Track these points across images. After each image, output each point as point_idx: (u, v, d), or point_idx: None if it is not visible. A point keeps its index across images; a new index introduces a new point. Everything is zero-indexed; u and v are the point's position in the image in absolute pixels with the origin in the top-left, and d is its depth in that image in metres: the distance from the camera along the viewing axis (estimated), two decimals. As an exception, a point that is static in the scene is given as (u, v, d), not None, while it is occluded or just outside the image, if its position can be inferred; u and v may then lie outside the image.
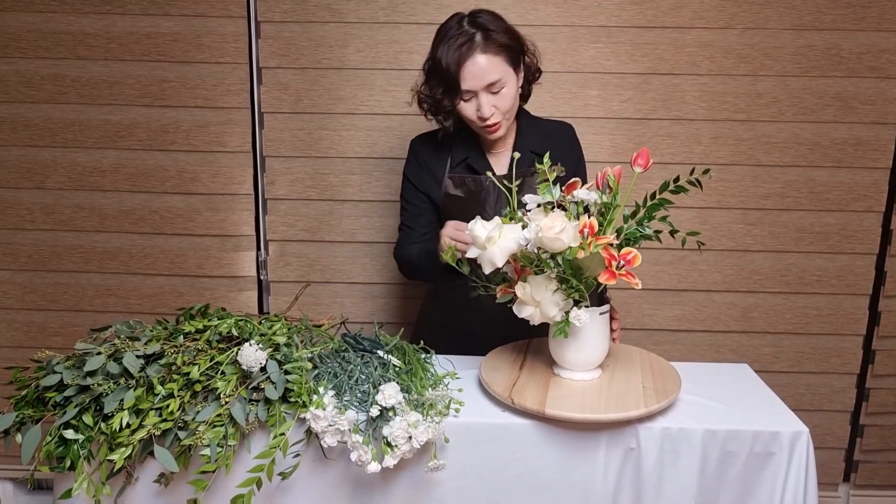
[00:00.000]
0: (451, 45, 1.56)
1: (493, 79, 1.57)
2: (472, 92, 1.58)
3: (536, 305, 1.37)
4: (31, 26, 2.22)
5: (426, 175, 1.75)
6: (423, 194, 1.75)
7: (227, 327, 1.45)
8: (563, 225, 1.28)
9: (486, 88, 1.58)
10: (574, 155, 1.76)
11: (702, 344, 2.38)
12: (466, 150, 1.72)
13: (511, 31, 1.61)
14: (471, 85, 1.57)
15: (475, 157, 1.72)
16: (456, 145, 1.73)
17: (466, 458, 1.39)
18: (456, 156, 1.73)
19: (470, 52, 1.55)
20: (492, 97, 1.59)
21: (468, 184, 1.71)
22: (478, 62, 1.56)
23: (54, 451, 1.31)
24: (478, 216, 1.40)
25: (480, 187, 1.70)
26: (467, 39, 1.55)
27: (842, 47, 2.19)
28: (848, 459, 2.47)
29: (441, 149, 1.74)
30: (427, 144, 1.77)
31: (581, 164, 1.79)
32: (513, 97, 1.61)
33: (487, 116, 1.59)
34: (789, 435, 1.38)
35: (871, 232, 2.29)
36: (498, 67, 1.57)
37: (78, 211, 2.33)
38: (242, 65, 2.24)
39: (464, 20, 1.59)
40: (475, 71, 1.56)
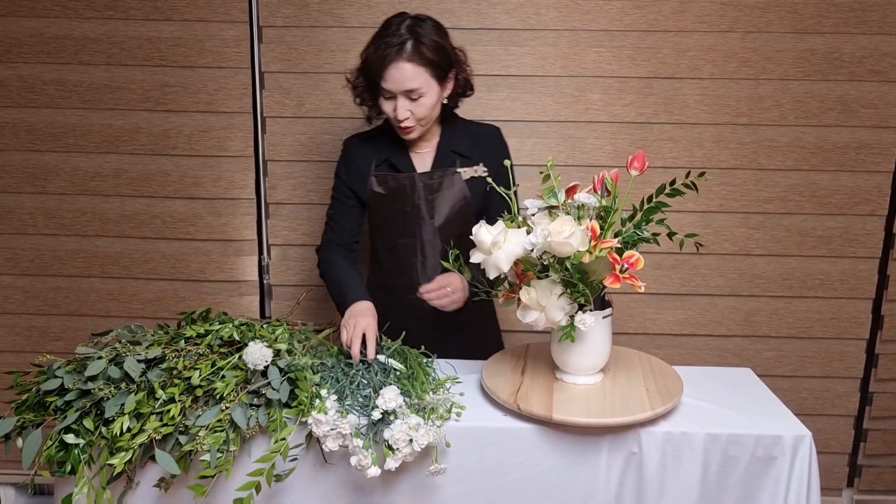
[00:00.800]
0: (382, 45, 1.62)
1: (412, 86, 1.62)
2: (391, 92, 1.64)
3: (541, 310, 1.36)
4: (33, 31, 2.23)
5: (354, 173, 1.81)
6: (351, 192, 1.81)
7: (229, 332, 1.45)
8: (572, 229, 1.28)
9: (405, 93, 1.63)
10: (498, 156, 1.75)
11: (704, 348, 2.38)
12: (391, 149, 1.79)
13: (442, 48, 1.65)
14: (390, 86, 1.63)
15: (397, 156, 1.78)
16: (382, 145, 1.80)
17: (467, 462, 1.38)
18: (381, 155, 1.79)
19: (397, 56, 1.60)
20: (409, 102, 1.65)
21: (389, 182, 1.77)
22: (401, 67, 1.61)
23: (55, 456, 1.31)
24: (482, 222, 1.40)
25: (401, 185, 1.76)
26: (398, 43, 1.60)
27: (843, 51, 2.19)
28: (851, 464, 2.45)
29: (369, 148, 1.81)
30: (357, 143, 1.84)
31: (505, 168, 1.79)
32: (430, 107, 1.67)
33: (401, 119, 1.66)
34: (791, 439, 1.37)
35: (873, 235, 2.28)
36: (419, 77, 1.62)
37: (80, 215, 2.33)
38: (244, 69, 2.24)
39: (403, 24, 1.63)
40: (396, 75, 1.61)
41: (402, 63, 1.60)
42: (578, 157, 2.26)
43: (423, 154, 1.79)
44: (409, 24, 1.63)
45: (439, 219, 1.76)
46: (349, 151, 1.83)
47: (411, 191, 1.75)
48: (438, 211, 1.75)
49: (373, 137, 1.83)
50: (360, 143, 1.83)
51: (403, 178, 1.75)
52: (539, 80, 2.24)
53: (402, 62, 1.60)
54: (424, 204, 1.75)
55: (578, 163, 2.26)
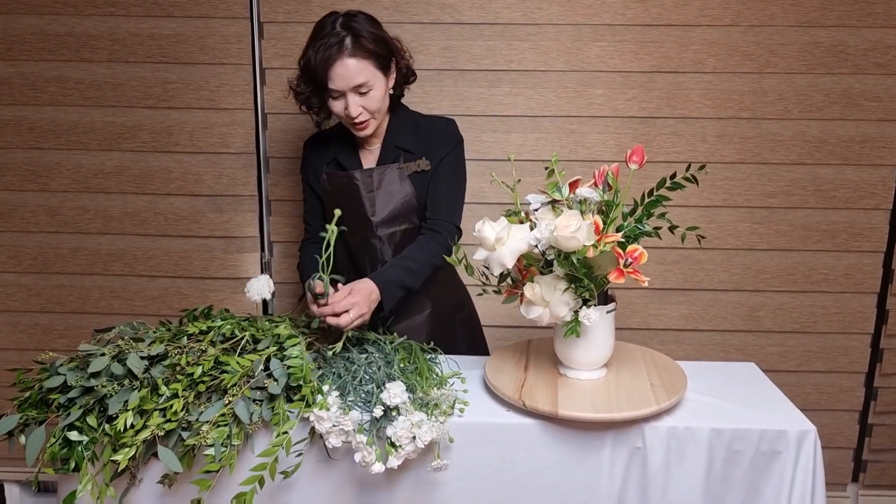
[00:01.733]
0: (322, 46, 1.61)
1: (359, 81, 1.62)
2: (339, 91, 1.64)
3: (545, 306, 1.36)
4: (34, 28, 2.23)
5: (311, 173, 1.85)
6: (313, 191, 1.85)
7: (231, 328, 1.45)
8: (579, 224, 1.27)
9: (354, 90, 1.64)
10: (444, 149, 1.77)
11: (708, 343, 2.37)
12: (341, 147, 1.81)
13: (381, 38, 1.66)
14: (338, 85, 1.63)
15: (345, 155, 1.80)
16: (334, 144, 1.82)
17: (471, 458, 1.38)
18: (331, 154, 1.81)
19: (339, 54, 1.60)
20: (359, 98, 1.65)
21: (334, 180, 1.79)
22: (346, 64, 1.61)
23: (58, 453, 1.31)
24: (485, 218, 1.39)
25: (342, 183, 1.77)
26: (337, 41, 1.60)
27: (848, 44, 2.18)
28: (856, 459, 2.45)
29: (323, 147, 1.84)
30: (313, 143, 1.87)
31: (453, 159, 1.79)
32: (380, 99, 1.67)
33: (354, 116, 1.66)
34: (796, 434, 1.37)
35: (878, 230, 2.27)
36: (365, 71, 1.62)
37: (82, 213, 2.33)
38: (246, 65, 2.24)
39: (337, 21, 1.63)
40: (342, 73, 1.61)
41: (346, 59, 1.60)
42: (581, 152, 2.26)
43: (371, 150, 1.81)
44: (342, 21, 1.63)
45: (382, 214, 1.75)
46: (307, 152, 1.86)
47: (352, 189, 1.76)
48: (381, 207, 1.75)
49: (328, 137, 1.85)
50: (316, 142, 1.86)
51: (343, 177, 1.77)
52: (541, 75, 2.23)
53: (345, 59, 1.60)
54: (367, 201, 1.75)
55: (581, 158, 2.25)
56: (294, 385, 1.37)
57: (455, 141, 1.80)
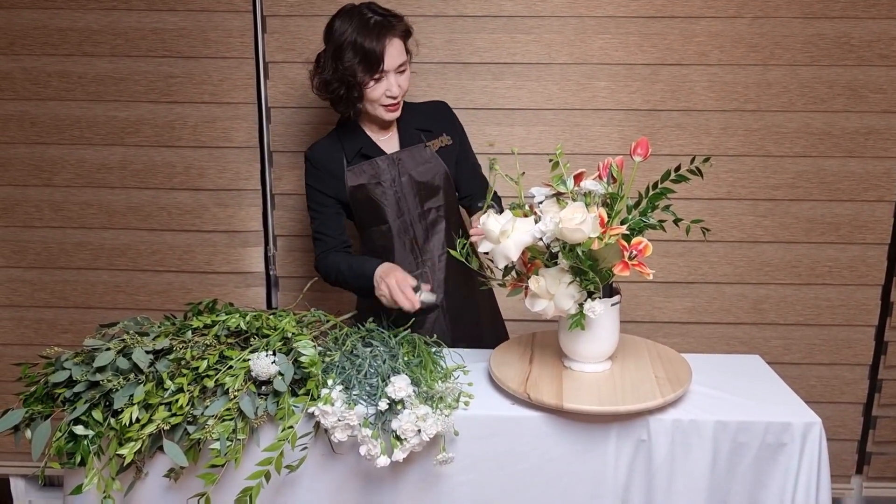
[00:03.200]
0: (370, 28, 1.65)
1: (402, 60, 1.71)
2: (385, 72, 1.68)
3: (550, 298, 1.36)
4: (36, 23, 2.22)
5: (327, 177, 1.81)
6: (329, 198, 1.82)
7: (235, 322, 1.45)
8: (584, 216, 1.27)
9: (397, 69, 1.70)
10: (455, 127, 1.89)
11: (712, 336, 2.37)
12: (357, 142, 1.81)
13: (403, 20, 1.73)
14: (388, 65, 1.68)
15: (367, 146, 1.81)
16: (347, 142, 1.82)
17: (476, 451, 1.38)
18: (349, 150, 1.81)
19: (390, 34, 1.67)
20: (399, 77, 1.71)
21: (367, 169, 1.80)
22: (395, 44, 1.68)
23: (64, 447, 1.31)
24: (490, 211, 1.39)
25: (379, 168, 1.79)
26: (385, 23, 1.67)
27: (852, 35, 2.17)
28: (860, 451, 2.45)
29: (334, 149, 1.83)
30: (320, 150, 1.84)
31: (463, 135, 1.92)
32: (408, 79, 1.75)
33: (396, 95, 1.71)
34: (801, 426, 1.37)
35: (882, 222, 2.27)
36: (404, 52, 1.72)
37: (86, 208, 2.33)
38: (248, 59, 2.24)
39: (369, 7, 1.69)
40: (393, 52, 1.68)
41: (395, 39, 1.67)
42: (585, 144, 2.25)
43: (388, 139, 1.83)
44: (368, 7, 1.68)
45: (419, 192, 1.79)
46: (315, 160, 1.83)
47: (391, 170, 1.78)
48: (417, 185, 1.79)
49: (334, 139, 1.84)
50: (323, 148, 1.83)
51: (381, 161, 1.78)
52: (545, 68, 2.22)
53: (395, 38, 1.67)
54: (406, 180, 1.78)
55: (585, 151, 2.25)
56: (299, 379, 1.37)
57: (457, 119, 1.89)
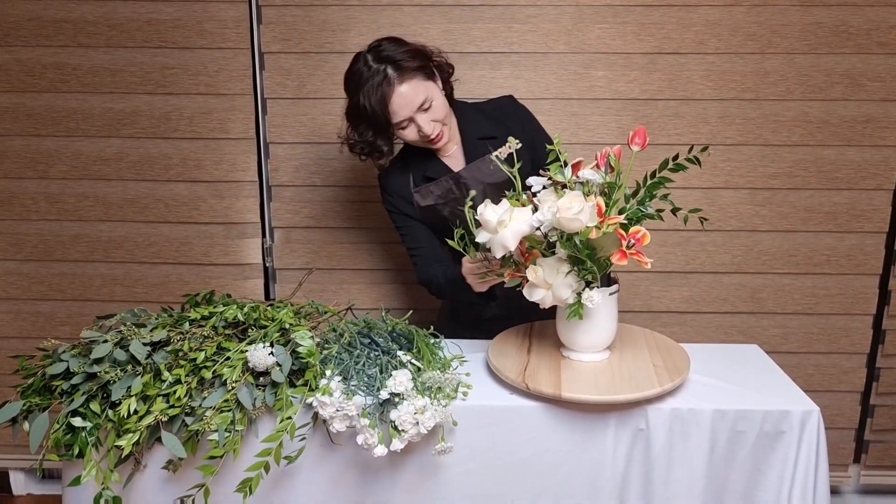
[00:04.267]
0: (370, 89, 1.60)
1: (420, 100, 1.61)
2: (406, 119, 1.63)
3: (548, 288, 1.36)
4: (31, 14, 2.21)
5: (401, 202, 1.79)
6: (409, 217, 1.80)
7: (233, 314, 1.45)
8: (582, 205, 1.27)
9: (419, 110, 1.62)
10: (522, 122, 1.78)
11: (710, 325, 2.37)
12: (422, 163, 1.77)
13: (414, 51, 1.64)
14: (403, 115, 1.62)
15: (432, 168, 1.76)
16: (412, 163, 1.78)
17: (474, 441, 1.38)
18: (415, 173, 1.77)
19: (391, 86, 1.59)
20: (426, 115, 1.63)
21: (433, 190, 1.75)
22: (401, 94, 1.60)
23: (62, 439, 1.31)
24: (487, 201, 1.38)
25: (446, 188, 1.74)
26: (383, 78, 1.59)
27: (850, 23, 2.16)
28: (858, 440, 2.45)
29: (401, 172, 1.79)
30: (390, 176, 1.81)
31: (536, 129, 1.81)
32: (443, 105, 1.66)
33: (429, 133, 1.64)
34: (800, 414, 1.37)
35: (880, 210, 2.27)
36: (420, 88, 1.61)
37: (82, 200, 2.32)
38: (244, 50, 2.22)
39: (369, 59, 1.61)
40: (402, 102, 1.60)
41: (399, 88, 1.59)
42: (582, 134, 2.25)
43: (452, 155, 1.77)
44: (373, 56, 1.61)
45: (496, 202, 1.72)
46: (386, 186, 1.81)
47: (459, 189, 1.72)
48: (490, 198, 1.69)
49: (401, 162, 1.80)
50: (392, 173, 1.80)
51: (446, 182, 1.73)
52: (542, 58, 2.21)
53: (398, 88, 1.59)
54: (477, 196, 1.68)
55: (582, 140, 2.24)
56: (297, 370, 1.37)
57: (527, 112, 1.81)
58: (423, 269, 1.78)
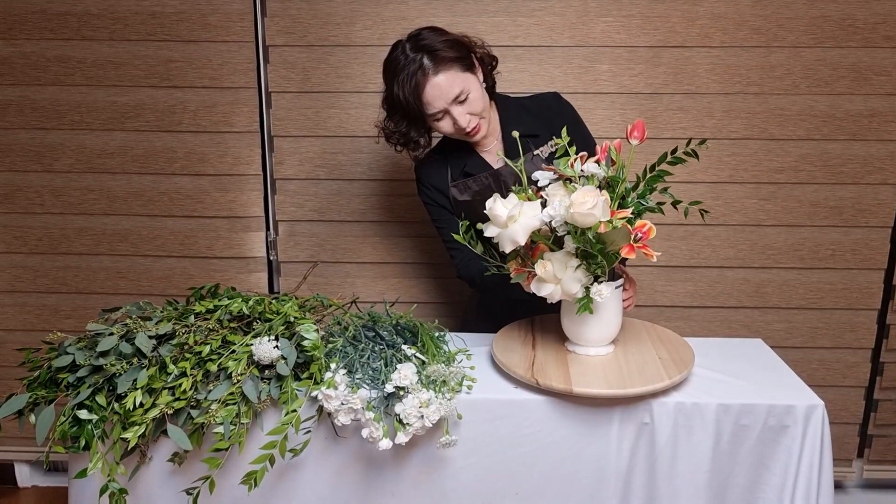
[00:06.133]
0: (405, 78, 1.57)
1: (455, 92, 1.58)
2: (441, 111, 1.60)
3: (557, 283, 1.35)
4: (35, 7, 2.21)
5: (437, 195, 1.77)
6: (446, 210, 1.77)
7: (238, 307, 1.45)
8: (595, 200, 1.26)
9: (454, 102, 1.59)
10: (567, 120, 1.73)
11: (714, 320, 2.37)
12: (461, 158, 1.75)
13: (453, 41, 1.60)
14: (438, 106, 1.59)
15: (471, 162, 1.74)
16: (451, 156, 1.76)
17: (479, 434, 1.38)
18: (453, 167, 1.75)
19: (425, 77, 1.57)
20: (462, 107, 1.60)
21: (471, 186, 1.72)
22: (435, 85, 1.57)
23: (68, 432, 1.31)
24: (496, 195, 1.38)
25: (485, 185, 1.71)
26: (418, 67, 1.56)
27: (857, 17, 2.15)
28: (862, 434, 2.45)
29: (440, 165, 1.77)
30: (427, 167, 1.79)
31: (579, 128, 1.78)
32: (480, 98, 1.62)
33: (465, 125, 1.61)
34: (804, 408, 1.37)
35: (886, 205, 2.26)
36: (456, 79, 1.58)
37: (87, 193, 2.32)
38: (249, 43, 2.22)
39: (407, 48, 1.59)
40: (436, 93, 1.58)
41: (434, 79, 1.56)
42: (587, 128, 2.24)
43: (490, 150, 1.75)
44: (411, 45, 1.59)
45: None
46: (423, 177, 1.79)
47: (497, 187, 1.69)
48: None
49: (440, 153, 1.78)
50: (429, 164, 1.78)
51: (485, 178, 1.70)
52: (547, 51, 2.21)
53: (432, 79, 1.56)
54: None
55: (587, 134, 2.24)
56: (302, 363, 1.37)
57: (572, 109, 1.77)
58: (463, 265, 1.75)
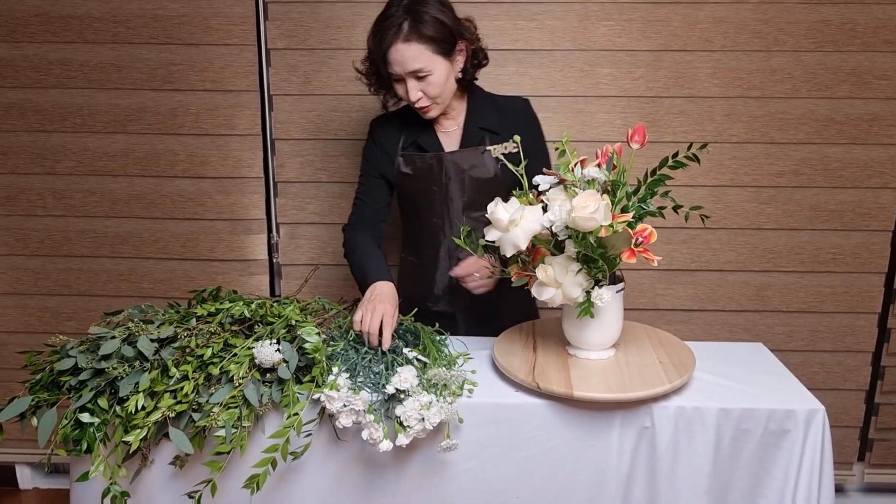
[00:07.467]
0: (381, 29, 1.59)
1: (415, 67, 1.59)
2: (398, 75, 1.62)
3: (558, 287, 1.36)
4: (38, 10, 2.21)
5: (381, 154, 1.79)
6: (377, 172, 1.79)
7: (240, 310, 1.46)
8: (597, 204, 1.27)
9: (411, 74, 1.61)
10: (528, 129, 1.74)
11: (715, 323, 2.37)
12: (417, 129, 1.76)
13: (441, 22, 1.59)
14: (395, 70, 1.61)
15: (424, 137, 1.75)
16: (409, 125, 1.77)
17: (480, 437, 1.39)
18: (408, 136, 1.77)
19: (395, 38, 1.57)
20: (418, 82, 1.62)
21: (417, 162, 1.74)
22: (399, 50, 1.58)
23: (70, 435, 1.32)
24: (497, 199, 1.38)
25: (428, 165, 1.73)
26: (395, 25, 1.58)
27: (857, 21, 2.16)
28: (863, 438, 2.45)
29: (396, 129, 1.79)
30: (383, 125, 1.81)
31: (538, 139, 1.80)
32: (441, 84, 1.63)
33: (414, 100, 1.63)
34: (805, 413, 1.37)
35: (886, 209, 2.26)
36: (422, 56, 1.59)
37: (89, 196, 2.33)
38: (250, 46, 2.23)
39: (402, 4, 1.60)
40: (398, 58, 1.59)
41: (400, 44, 1.57)
42: (588, 132, 2.24)
43: (450, 133, 1.76)
44: (406, 3, 1.59)
45: (467, 198, 1.73)
46: (376, 132, 1.80)
47: (439, 171, 1.72)
48: (467, 190, 1.73)
49: (400, 117, 1.79)
50: (386, 123, 1.80)
51: (430, 158, 1.73)
52: (548, 55, 2.21)
53: (399, 44, 1.57)
54: (453, 183, 1.72)
55: (588, 138, 2.24)
56: (303, 366, 1.38)
57: (536, 121, 1.79)
58: (353, 225, 1.78)
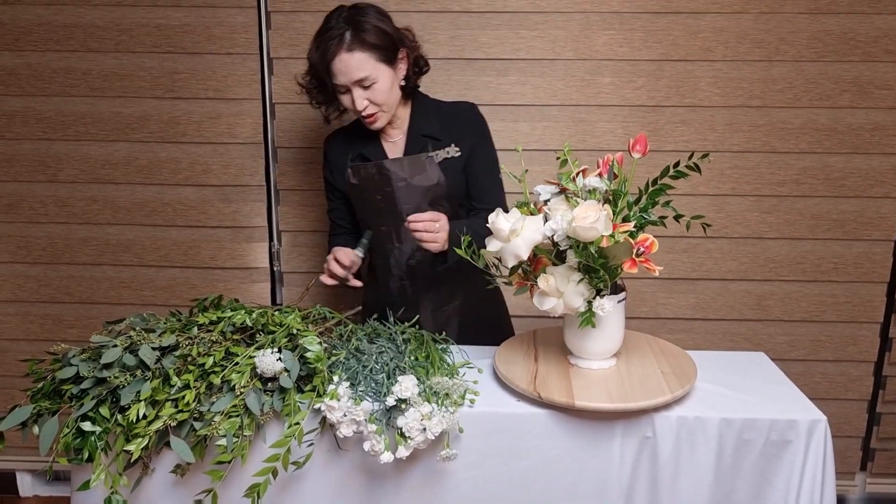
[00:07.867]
0: (323, 41, 1.62)
1: (360, 75, 1.62)
2: (344, 86, 1.64)
3: (560, 297, 1.35)
4: (41, 19, 2.23)
5: (335, 171, 1.84)
6: (335, 189, 1.86)
7: (241, 318, 1.45)
8: (598, 214, 1.27)
9: (357, 84, 1.63)
10: (473, 134, 1.77)
11: (716, 332, 2.37)
12: (365, 141, 1.79)
13: (382, 31, 1.63)
14: (340, 80, 1.63)
15: (369, 148, 1.78)
16: (357, 138, 1.81)
17: (480, 447, 1.38)
18: (355, 149, 1.80)
19: (338, 49, 1.60)
20: (364, 91, 1.64)
21: (361, 172, 1.77)
22: (343, 60, 1.61)
23: (72, 443, 1.32)
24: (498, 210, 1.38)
25: (370, 174, 1.75)
26: (336, 36, 1.60)
27: (858, 31, 2.16)
28: (864, 448, 2.45)
29: (345, 143, 1.83)
30: (334, 140, 1.86)
31: (483, 143, 1.79)
32: (386, 91, 1.66)
33: (360, 109, 1.66)
34: (807, 423, 1.37)
35: (888, 218, 2.26)
36: (366, 65, 1.61)
37: (91, 203, 2.33)
38: (253, 55, 2.23)
39: (342, 15, 1.63)
40: (342, 68, 1.61)
41: (344, 54, 1.60)
42: (589, 141, 2.25)
43: (395, 142, 1.80)
44: (346, 15, 1.62)
45: (412, 204, 1.74)
46: (328, 151, 1.86)
47: (381, 179, 1.74)
48: (411, 197, 1.74)
49: (349, 132, 1.85)
50: (337, 139, 1.86)
51: (371, 167, 1.75)
52: (549, 64, 2.22)
53: (343, 53, 1.60)
54: (396, 191, 1.74)
55: (589, 147, 2.25)
56: (304, 375, 1.37)
57: (482, 124, 1.79)
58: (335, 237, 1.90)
